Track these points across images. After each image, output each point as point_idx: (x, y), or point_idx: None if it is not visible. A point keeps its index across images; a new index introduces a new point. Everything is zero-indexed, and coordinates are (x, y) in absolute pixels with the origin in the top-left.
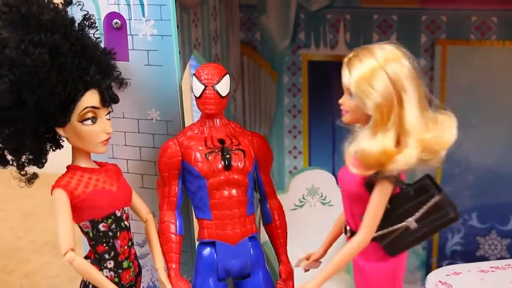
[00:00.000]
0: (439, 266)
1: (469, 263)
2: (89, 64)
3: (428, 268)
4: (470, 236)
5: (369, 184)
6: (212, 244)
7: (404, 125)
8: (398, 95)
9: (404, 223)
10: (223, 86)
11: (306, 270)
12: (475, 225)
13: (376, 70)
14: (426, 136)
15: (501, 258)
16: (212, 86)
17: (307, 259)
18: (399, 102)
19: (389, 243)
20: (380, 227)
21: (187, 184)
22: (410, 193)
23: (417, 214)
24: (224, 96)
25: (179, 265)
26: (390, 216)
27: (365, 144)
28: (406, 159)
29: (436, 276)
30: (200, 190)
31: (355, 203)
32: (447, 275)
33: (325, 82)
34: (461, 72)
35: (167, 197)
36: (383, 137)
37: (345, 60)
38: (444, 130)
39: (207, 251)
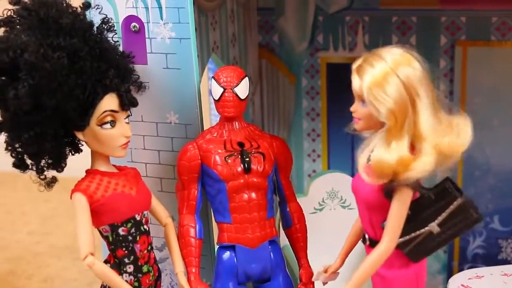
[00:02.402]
0: (461, 269)
1: (491, 266)
2: (107, 68)
3: (449, 271)
4: (492, 239)
5: (388, 192)
6: (232, 248)
7: (419, 130)
8: (411, 100)
9: (427, 228)
10: (242, 89)
11: (325, 283)
12: (497, 228)
13: (388, 75)
14: (441, 141)
15: None
16: (231, 89)
17: (325, 271)
18: (412, 107)
19: (412, 249)
20: (402, 234)
21: (207, 187)
22: (431, 198)
23: (440, 218)
24: (243, 99)
25: (199, 269)
26: (412, 222)
27: (380, 153)
28: (422, 167)
29: (458, 280)
30: (219, 194)
31: (374, 211)
32: (469, 278)
33: (344, 84)
34: (481, 73)
35: (187, 200)
36: (398, 145)
37: (354, 66)
38: (459, 134)
39: (227, 255)
